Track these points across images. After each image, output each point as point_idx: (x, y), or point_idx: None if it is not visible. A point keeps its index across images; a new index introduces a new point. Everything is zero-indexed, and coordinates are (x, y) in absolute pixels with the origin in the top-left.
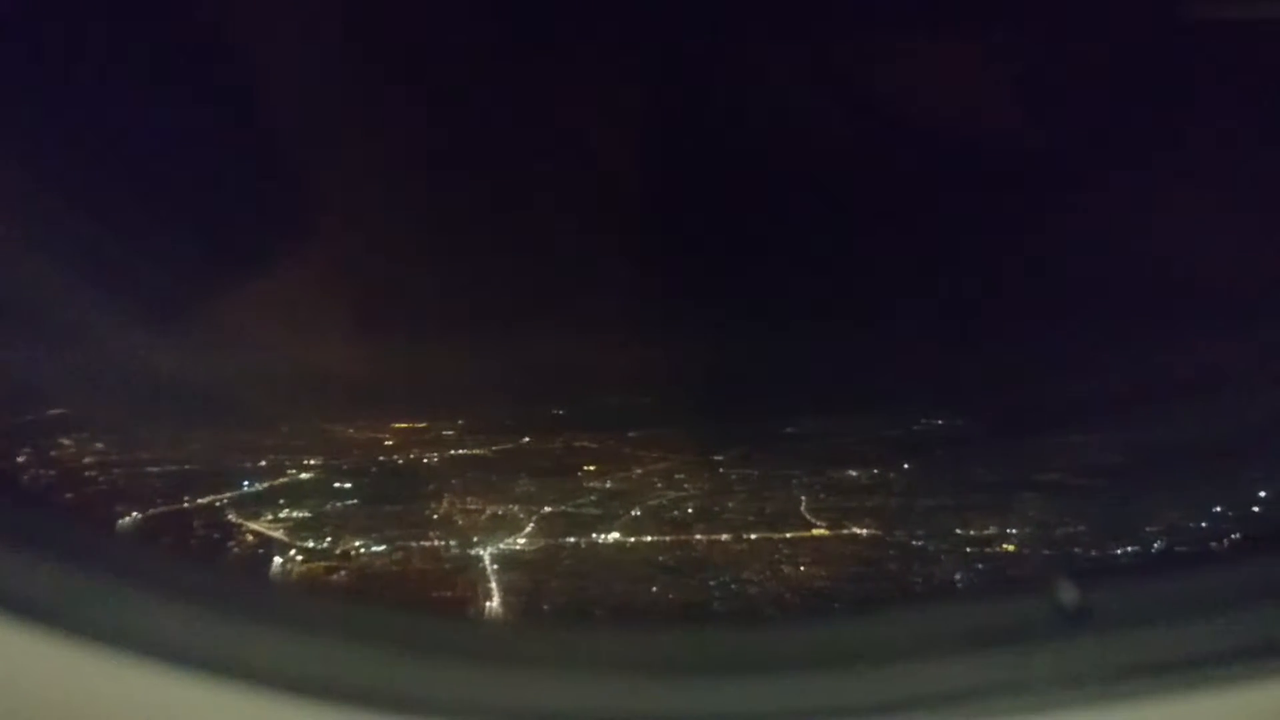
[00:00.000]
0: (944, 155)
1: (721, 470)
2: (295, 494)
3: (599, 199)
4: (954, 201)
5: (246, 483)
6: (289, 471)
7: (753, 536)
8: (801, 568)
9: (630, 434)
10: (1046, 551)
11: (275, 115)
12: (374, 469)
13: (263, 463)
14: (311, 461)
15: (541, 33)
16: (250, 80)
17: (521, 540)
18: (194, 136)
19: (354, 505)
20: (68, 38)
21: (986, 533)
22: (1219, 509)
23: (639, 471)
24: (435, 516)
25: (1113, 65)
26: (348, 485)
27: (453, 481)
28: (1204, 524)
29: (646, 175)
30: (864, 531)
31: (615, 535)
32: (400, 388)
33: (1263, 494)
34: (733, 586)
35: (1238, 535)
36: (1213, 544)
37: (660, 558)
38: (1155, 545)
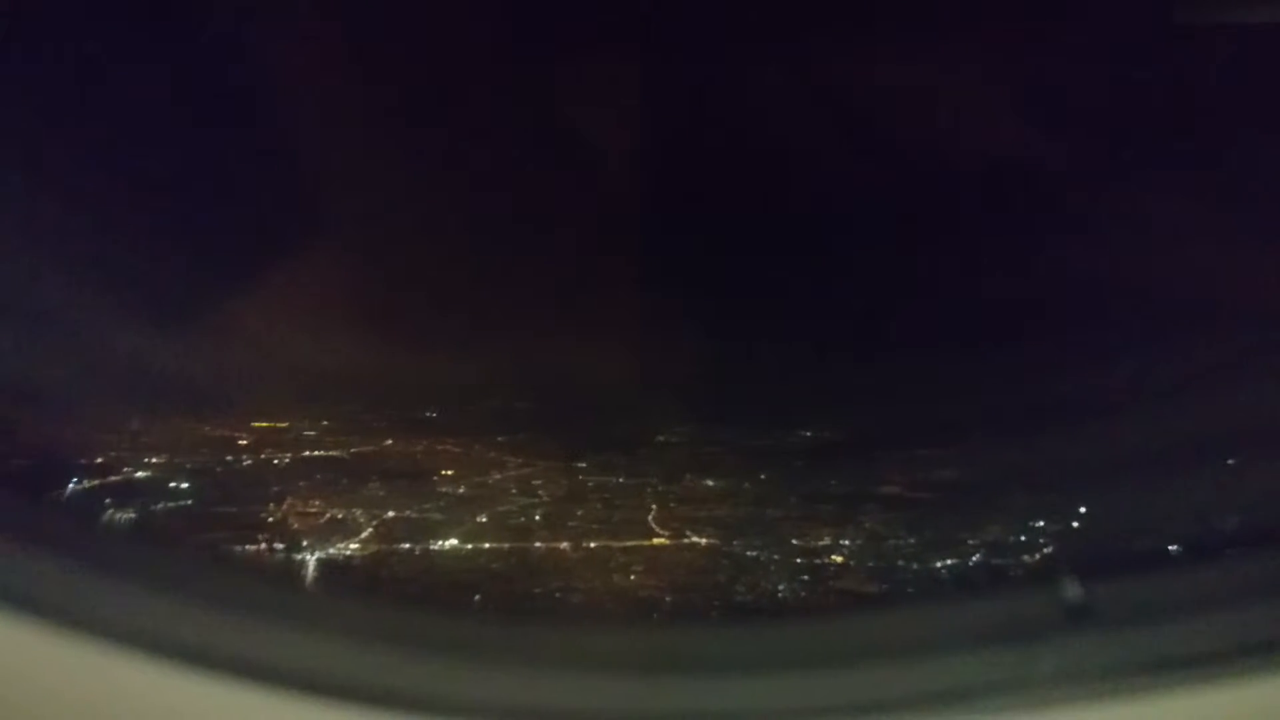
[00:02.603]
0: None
1: (580, 477)
2: (124, 493)
3: (491, 203)
4: (870, 216)
5: (75, 481)
6: (124, 469)
7: (592, 545)
8: (632, 576)
9: (499, 438)
10: (871, 563)
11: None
12: (219, 468)
13: (99, 459)
14: (153, 459)
15: (543, 35)
16: (249, 80)
17: (354, 545)
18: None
19: (185, 506)
20: (67, 37)
21: (820, 544)
22: (1040, 524)
23: (497, 476)
24: (270, 519)
25: (1107, 70)
26: (184, 485)
27: (300, 483)
28: (1023, 538)
29: (547, 178)
30: (703, 541)
31: (453, 541)
32: (275, 386)
33: (1082, 510)
34: (558, 594)
35: (1051, 549)
36: (1026, 558)
37: (493, 565)
38: (974, 558)
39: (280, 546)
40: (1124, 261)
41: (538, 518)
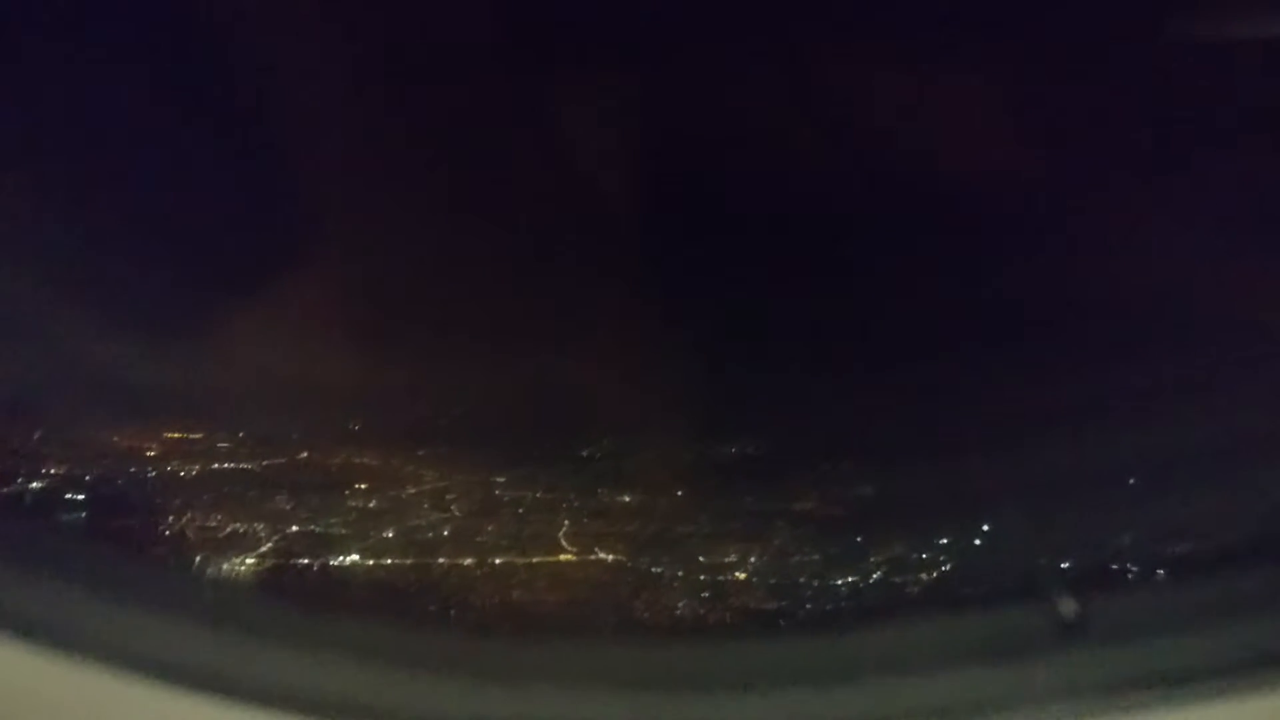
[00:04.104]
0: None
1: (497, 492)
2: (12, 506)
3: (452, 212)
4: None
5: None
6: (18, 480)
7: (497, 561)
8: (532, 594)
9: (420, 451)
10: (773, 580)
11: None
12: (120, 480)
13: None
14: (51, 470)
15: (545, 46)
16: (244, 88)
17: (250, 560)
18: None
19: (77, 519)
20: (59, 46)
21: (726, 560)
22: (945, 540)
23: (411, 490)
24: (167, 533)
25: (1100, 85)
26: (80, 497)
27: (204, 496)
28: (924, 555)
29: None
30: (610, 557)
31: (354, 557)
32: (196, 395)
33: (986, 528)
34: (452, 611)
35: (949, 566)
36: (924, 575)
37: (392, 580)
38: (874, 576)
39: (171, 562)
40: (1084, 276)
41: (446, 533)
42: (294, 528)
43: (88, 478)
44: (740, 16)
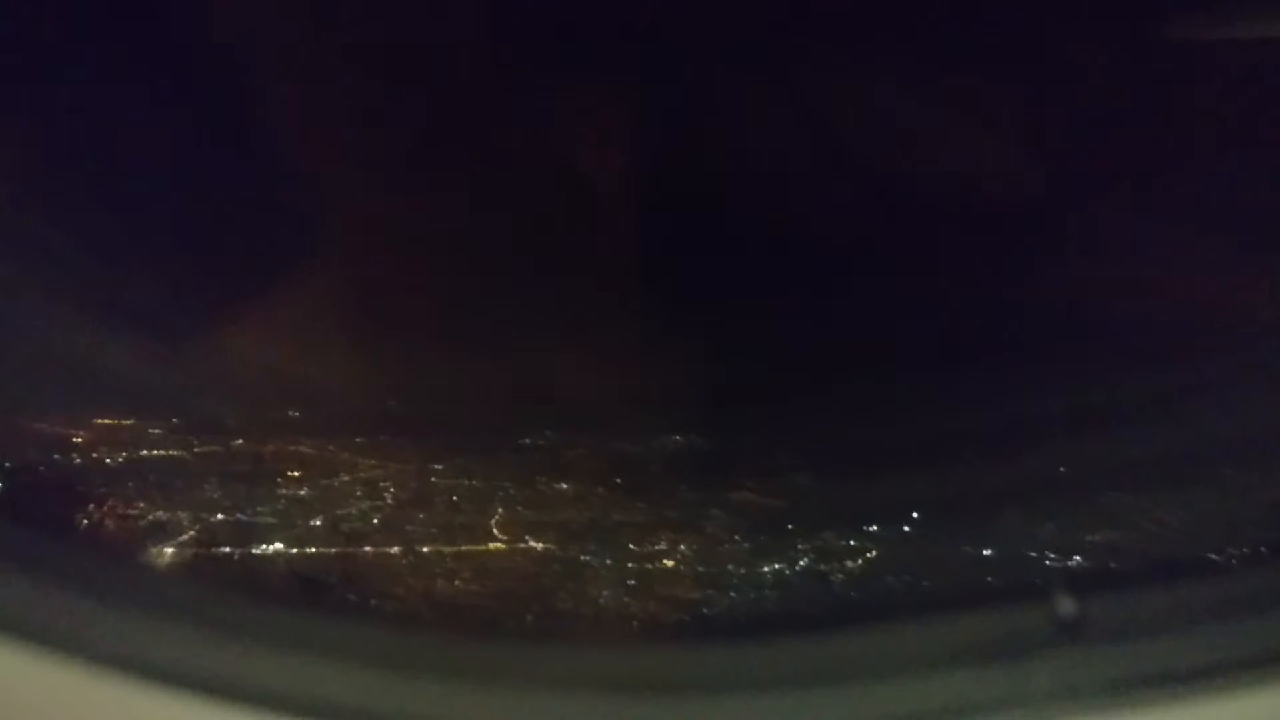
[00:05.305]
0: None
1: (433, 480)
2: None
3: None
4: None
5: None
6: None
7: (424, 550)
8: (456, 583)
9: (358, 439)
10: (701, 568)
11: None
12: (41, 468)
13: None
14: None
15: (545, 55)
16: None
17: (168, 550)
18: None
19: None
20: (54, 42)
21: (656, 549)
22: (874, 529)
23: (344, 479)
24: (85, 522)
25: (1095, 89)
26: None
27: (128, 484)
28: (852, 542)
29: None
30: (540, 546)
31: (278, 546)
32: (132, 382)
33: (916, 515)
34: (373, 601)
35: (876, 553)
36: (850, 563)
37: (315, 570)
38: (801, 563)
39: (90, 548)
40: (1050, 279)
41: (375, 521)
42: (218, 516)
43: (8, 464)
44: (740, 25)
